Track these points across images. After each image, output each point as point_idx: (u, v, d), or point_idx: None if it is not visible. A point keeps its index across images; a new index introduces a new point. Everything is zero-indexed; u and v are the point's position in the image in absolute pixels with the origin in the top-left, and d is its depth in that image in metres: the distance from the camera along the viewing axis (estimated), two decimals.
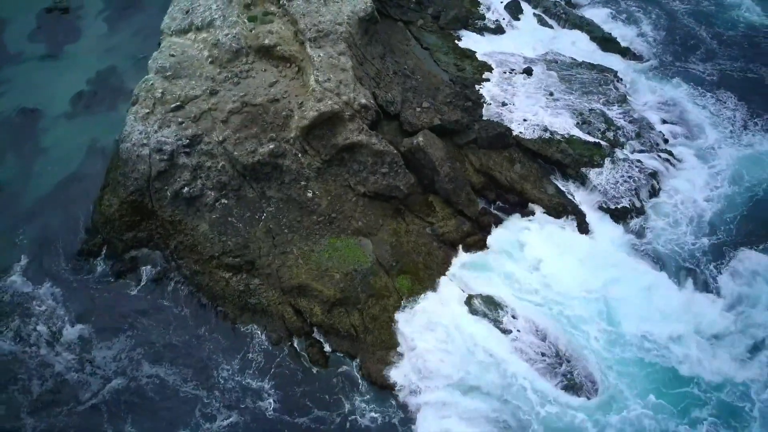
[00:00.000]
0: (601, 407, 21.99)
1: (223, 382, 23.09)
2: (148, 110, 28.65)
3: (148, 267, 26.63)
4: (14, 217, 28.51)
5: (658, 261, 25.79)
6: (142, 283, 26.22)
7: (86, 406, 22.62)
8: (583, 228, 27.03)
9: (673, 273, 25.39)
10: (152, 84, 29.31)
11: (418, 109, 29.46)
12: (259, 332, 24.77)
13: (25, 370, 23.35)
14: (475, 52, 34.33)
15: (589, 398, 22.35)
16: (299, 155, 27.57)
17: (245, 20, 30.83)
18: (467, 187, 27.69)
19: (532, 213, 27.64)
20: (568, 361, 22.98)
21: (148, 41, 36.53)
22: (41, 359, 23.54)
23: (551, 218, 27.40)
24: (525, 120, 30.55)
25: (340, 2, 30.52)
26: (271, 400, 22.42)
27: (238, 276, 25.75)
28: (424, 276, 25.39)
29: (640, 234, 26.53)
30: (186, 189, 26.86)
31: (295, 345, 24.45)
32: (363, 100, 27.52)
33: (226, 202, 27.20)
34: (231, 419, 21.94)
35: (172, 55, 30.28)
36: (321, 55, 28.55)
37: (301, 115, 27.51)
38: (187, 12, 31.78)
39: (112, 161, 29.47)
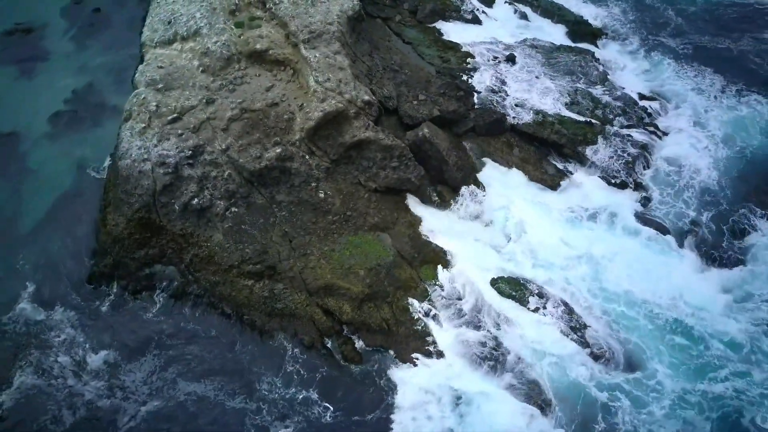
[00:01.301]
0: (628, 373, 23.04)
1: (266, 392, 22.81)
2: (144, 124, 28.03)
3: (165, 283, 26.05)
4: (11, 242, 27.39)
5: (663, 228, 26.98)
6: (161, 300, 25.63)
7: (124, 430, 22.05)
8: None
9: (679, 239, 26.64)
10: (144, 98, 28.69)
11: (415, 102, 29.90)
12: (289, 336, 24.63)
13: (53, 401, 22.49)
14: (458, 43, 34.96)
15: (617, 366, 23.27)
16: (306, 157, 27.55)
17: (232, 26, 30.55)
18: (474, 174, 28.29)
19: None
20: (596, 332, 23.83)
21: (121, 55, 35.89)
22: (69, 390, 22.72)
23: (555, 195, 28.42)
24: (517, 105, 31.40)
25: (328, 2, 30.62)
26: (323, 406, 22.25)
27: (260, 282, 25.55)
28: (446, 263, 25.82)
29: (643, 204, 27.71)
30: (195, 201, 26.45)
31: (328, 345, 24.43)
32: (366, 97, 27.74)
33: (236, 210, 26.91)
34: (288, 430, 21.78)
35: (161, 67, 29.72)
36: (317, 55, 28.58)
37: (305, 117, 27.50)
38: (169, 23, 31.21)
39: (110, 179, 28.71)
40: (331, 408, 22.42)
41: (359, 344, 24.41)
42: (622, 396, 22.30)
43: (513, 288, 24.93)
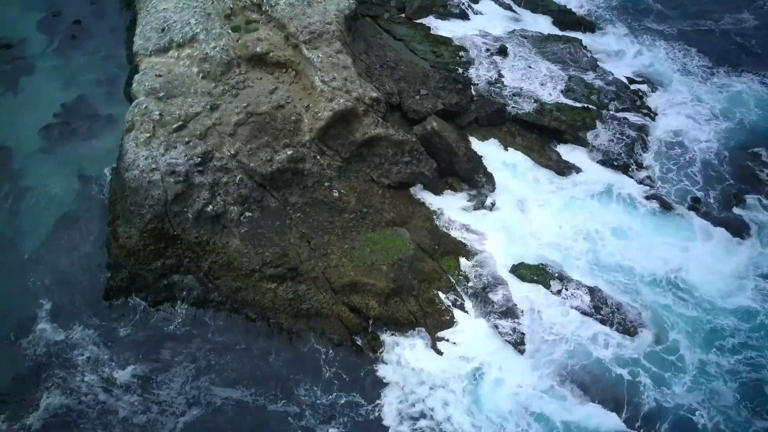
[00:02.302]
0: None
1: (305, 393, 22.80)
2: (148, 134, 27.65)
3: (184, 293, 25.72)
4: (18, 264, 26.66)
5: (668, 204, 27.88)
6: (183, 310, 25.31)
7: None
8: None
9: (684, 213, 27.58)
10: (146, 107, 28.29)
11: (417, 97, 30.20)
12: (318, 336, 24.61)
13: (86, 420, 22.06)
14: (449, 37, 35.38)
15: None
16: (318, 157, 27.56)
17: (229, 31, 30.34)
18: (482, 163, 28.72)
19: None
20: (618, 309, 24.50)
21: (108, 66, 35.24)
22: (101, 407, 22.30)
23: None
24: (514, 95, 31.99)
25: (324, 2, 30.66)
26: (363, 403, 22.34)
27: (284, 285, 25.45)
28: (466, 253, 26.17)
29: (647, 182, 28.59)
30: (210, 208, 26.19)
31: (358, 342, 24.49)
32: (374, 94, 27.92)
33: (250, 214, 26.75)
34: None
35: (159, 76, 29.34)
36: (320, 55, 28.60)
37: (314, 117, 27.51)
38: (162, 30, 30.80)
39: (115, 192, 28.23)
40: (368, 404, 22.50)
41: (388, 338, 24.49)
42: (645, 370, 22.95)
43: (534, 273, 25.43)
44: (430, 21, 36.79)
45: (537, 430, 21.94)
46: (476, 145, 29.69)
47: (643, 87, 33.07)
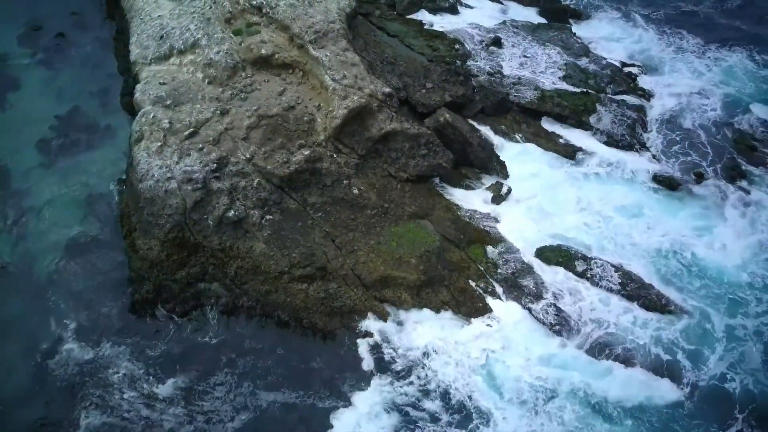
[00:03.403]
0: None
1: (348, 388, 22.82)
2: (159, 143, 27.17)
3: (212, 300, 25.40)
4: (36, 286, 25.75)
5: (674, 181, 28.87)
6: (213, 318, 24.96)
7: None
8: None
9: (691, 188, 28.62)
10: (154, 116, 27.78)
11: (423, 91, 30.48)
12: (353, 332, 24.62)
13: None
14: (442, 31, 35.79)
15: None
16: (335, 156, 27.55)
17: (231, 35, 30.03)
18: (495, 152, 29.21)
19: None
20: (643, 286, 25.24)
21: (99, 76, 34.49)
22: (146, 422, 21.81)
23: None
24: (514, 84, 32.60)
25: (325, 1, 30.64)
26: (413, 393, 22.51)
27: (314, 284, 25.36)
28: (491, 241, 26.59)
29: (653, 161, 29.59)
30: (232, 213, 25.92)
31: None
32: (386, 89, 28.06)
33: (271, 217, 26.58)
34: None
35: (163, 84, 28.84)
36: (328, 54, 28.59)
37: (329, 116, 27.50)
38: (161, 38, 30.30)
39: (127, 204, 27.69)
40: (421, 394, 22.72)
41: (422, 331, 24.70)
42: (676, 343, 23.68)
43: (558, 255, 26.01)
44: (421, 16, 37.15)
45: (577, 401, 22.47)
46: (485, 134, 30.10)
47: (636, 69, 34.08)
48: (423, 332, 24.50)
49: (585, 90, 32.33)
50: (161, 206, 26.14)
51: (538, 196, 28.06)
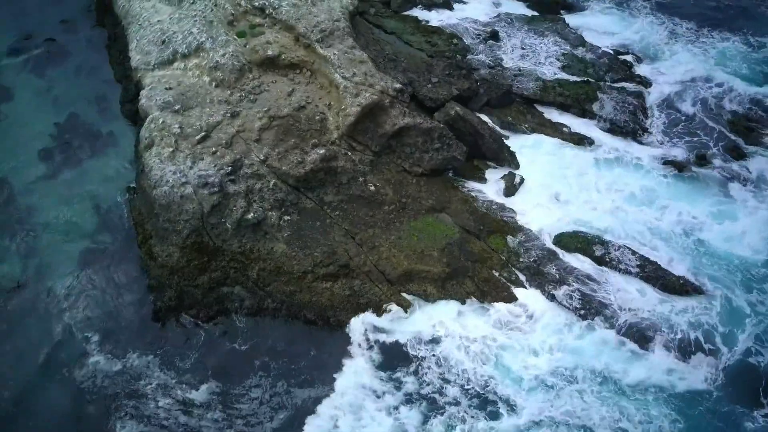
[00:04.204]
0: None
1: (380, 381, 22.95)
2: (171, 148, 26.90)
3: (236, 304, 25.23)
4: (54, 302, 25.36)
5: (681, 164, 29.57)
6: (239, 321, 24.83)
7: None
8: None
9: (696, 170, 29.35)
10: (163, 121, 27.47)
11: (430, 86, 30.64)
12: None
13: None
14: (438, 27, 36.03)
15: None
16: (349, 153, 27.58)
17: (235, 37, 29.79)
18: (505, 143, 29.55)
19: None
20: (660, 268, 25.76)
21: (95, 82, 34.12)
22: (184, 429, 21.62)
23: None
24: (516, 76, 33.01)
25: (327, 0, 30.60)
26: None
27: (338, 282, 25.38)
28: (510, 230, 26.91)
29: (657, 145, 30.26)
30: (251, 215, 25.78)
31: None
32: (397, 85, 28.17)
33: (289, 218, 26.51)
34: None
35: (169, 89, 28.54)
36: (336, 53, 28.59)
37: (342, 114, 27.50)
38: (163, 42, 29.96)
39: (140, 211, 27.44)
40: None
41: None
42: (698, 324, 24.10)
43: (576, 241, 26.41)
44: (416, 12, 37.29)
45: (602, 384, 22.87)
46: (492, 126, 30.42)
47: (631, 57, 34.77)
48: (447, 323, 24.67)
49: (585, 79, 32.88)
50: (177, 212, 25.87)
51: (550, 185, 28.45)
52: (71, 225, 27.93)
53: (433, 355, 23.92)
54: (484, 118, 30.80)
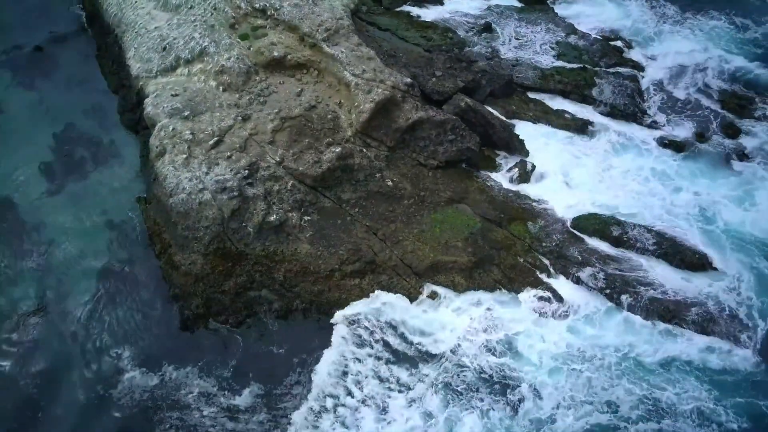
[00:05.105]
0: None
1: (409, 374, 23.21)
2: (185, 155, 26.58)
3: (264, 307, 25.04)
4: (78, 322, 24.70)
5: (680, 144, 30.45)
6: (270, 324, 24.65)
7: None
8: None
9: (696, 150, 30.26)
10: (173, 128, 27.12)
11: (434, 79, 30.87)
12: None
13: None
14: (432, 21, 36.30)
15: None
16: (364, 150, 27.62)
17: (238, 40, 29.51)
18: (513, 131, 30.00)
19: None
20: (681, 246, 26.45)
21: (88, 91, 33.26)
22: None
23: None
24: (514, 66, 33.52)
25: None
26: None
27: (366, 278, 25.42)
28: (529, 217, 27.33)
29: (656, 126, 31.12)
30: (273, 217, 25.63)
31: None
32: (408, 79, 28.35)
33: (309, 218, 26.44)
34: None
35: (175, 95, 28.21)
36: (343, 50, 28.61)
37: (356, 111, 27.53)
38: (164, 49, 29.52)
39: (155, 221, 26.97)
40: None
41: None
42: (724, 297, 24.80)
43: (593, 223, 26.94)
44: (408, 8, 37.37)
45: (631, 363, 23.42)
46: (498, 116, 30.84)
47: (622, 42, 35.63)
48: (474, 312, 24.95)
49: (582, 66, 33.58)
50: (196, 219, 25.56)
51: (561, 170, 28.93)
52: (84, 240, 27.24)
53: (460, 345, 24.13)
54: (489, 108, 31.16)
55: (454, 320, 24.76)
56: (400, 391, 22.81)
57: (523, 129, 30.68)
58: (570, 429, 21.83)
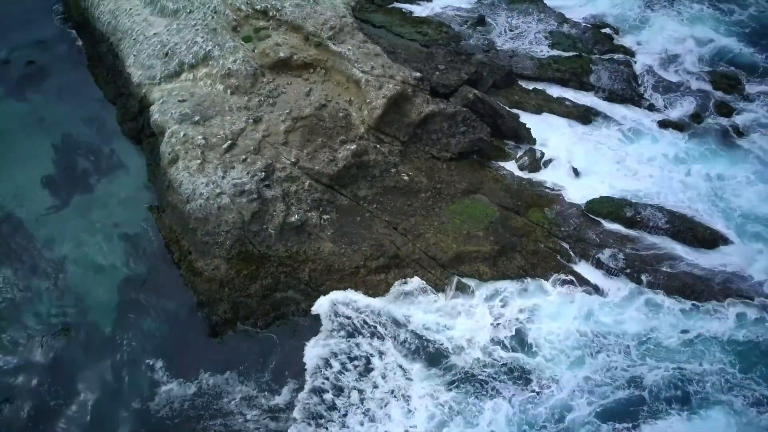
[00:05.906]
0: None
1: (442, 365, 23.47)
2: (198, 160, 26.29)
3: (292, 307, 24.92)
4: (105, 338, 24.08)
5: (679, 125, 31.34)
6: (300, 323, 24.53)
7: None
8: None
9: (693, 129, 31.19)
10: (185, 134, 26.81)
11: (438, 73, 31.12)
12: None
13: None
14: (425, 17, 36.57)
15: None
16: (378, 146, 27.71)
17: (241, 42, 29.28)
18: (520, 121, 30.44)
19: None
20: (693, 224, 27.13)
21: (84, 100, 32.58)
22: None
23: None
24: (511, 57, 34.01)
25: None
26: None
27: (391, 273, 25.50)
28: (545, 203, 27.79)
29: (654, 109, 31.96)
30: (295, 218, 25.54)
31: None
32: (416, 74, 28.51)
33: (328, 216, 26.42)
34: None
35: (183, 101, 27.88)
36: (350, 48, 28.64)
37: (368, 107, 27.59)
38: (166, 55, 29.09)
39: (171, 229, 26.60)
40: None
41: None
42: (743, 271, 25.57)
43: (606, 206, 27.44)
44: (399, 5, 37.61)
45: (658, 339, 24.06)
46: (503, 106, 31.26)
47: (611, 29, 36.47)
48: (500, 298, 25.29)
49: (577, 53, 34.25)
50: (216, 223, 25.31)
51: (569, 157, 29.43)
52: (98, 254, 26.61)
53: (485, 333, 24.37)
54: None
55: (481, 309, 25.02)
56: (423, 381, 22.91)
57: (528, 118, 31.09)
58: (585, 413, 22.17)
